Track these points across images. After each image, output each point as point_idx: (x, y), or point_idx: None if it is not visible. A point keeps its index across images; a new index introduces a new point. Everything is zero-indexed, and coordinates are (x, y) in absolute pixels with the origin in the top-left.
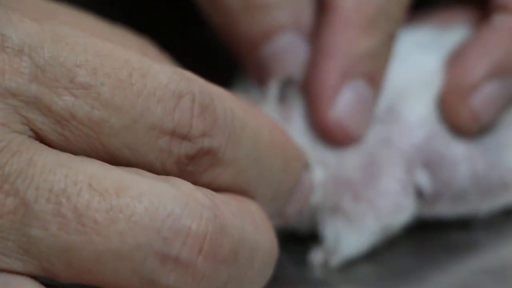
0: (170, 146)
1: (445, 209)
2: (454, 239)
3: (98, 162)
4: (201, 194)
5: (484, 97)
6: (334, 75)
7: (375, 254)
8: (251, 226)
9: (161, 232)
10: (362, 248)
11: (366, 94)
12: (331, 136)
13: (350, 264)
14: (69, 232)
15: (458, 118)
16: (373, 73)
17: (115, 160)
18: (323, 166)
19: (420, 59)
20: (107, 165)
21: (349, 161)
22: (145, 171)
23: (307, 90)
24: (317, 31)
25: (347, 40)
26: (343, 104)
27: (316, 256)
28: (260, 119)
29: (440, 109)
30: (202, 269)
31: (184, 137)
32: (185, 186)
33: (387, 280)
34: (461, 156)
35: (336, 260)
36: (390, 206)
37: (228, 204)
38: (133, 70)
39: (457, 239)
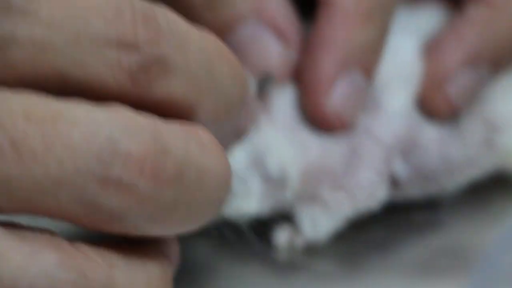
0: (118, 57)
1: (415, 191)
2: (419, 218)
3: (35, 94)
4: (141, 118)
5: (459, 85)
6: (331, 66)
7: (340, 233)
8: (197, 148)
9: (100, 156)
10: (333, 231)
11: (362, 85)
12: (324, 126)
13: (315, 244)
14: (7, 163)
15: (435, 106)
16: (369, 64)
17: (67, 83)
18: (305, 155)
19: (398, 42)
20: (43, 96)
21: (331, 151)
22: (83, 100)
23: (302, 80)
24: (314, 23)
25: (345, 31)
26: (339, 94)
27: (282, 237)
28: (203, 33)
29: (417, 98)
30: (145, 190)
31: (131, 47)
32: (125, 110)
33: (351, 258)
34: (433, 138)
35: (302, 240)
36: (367, 195)
37: (171, 127)
38: None
39: (422, 218)
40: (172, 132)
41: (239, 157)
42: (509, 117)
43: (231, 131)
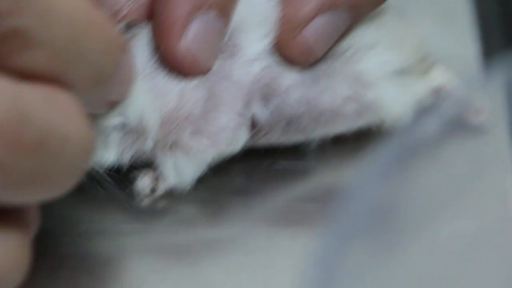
0: None
1: (278, 137)
2: (284, 165)
3: None
4: (2, 83)
5: (315, 31)
6: (185, 7)
7: (202, 179)
8: (60, 116)
9: None
10: (196, 176)
11: (217, 26)
12: (179, 68)
13: (178, 191)
14: None
15: (291, 52)
16: (224, 4)
17: None
18: (163, 102)
19: None
20: None
21: (190, 95)
22: None
23: (155, 22)
24: None
25: None
26: (193, 36)
27: (144, 182)
28: (75, 2)
29: (274, 44)
30: (3, 159)
31: None
32: None
33: (213, 205)
34: (293, 83)
35: (164, 186)
36: (228, 139)
37: (33, 92)
38: None
39: (286, 165)
40: (35, 98)
41: None
42: (376, 73)
43: (102, 99)
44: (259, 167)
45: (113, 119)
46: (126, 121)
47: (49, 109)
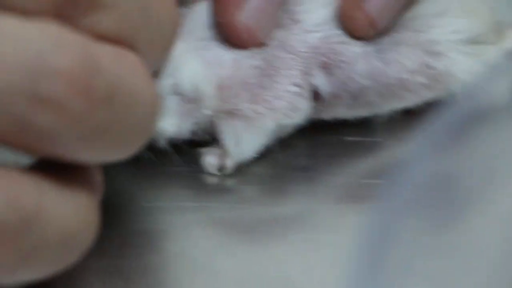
0: None
1: (344, 110)
2: (349, 139)
3: None
4: (73, 35)
5: (379, 3)
6: None
7: (265, 153)
8: (129, 73)
9: (29, 72)
10: (259, 148)
11: None
12: (237, 40)
13: (244, 166)
14: None
15: (354, 24)
16: None
17: None
18: (218, 70)
19: None
20: None
21: (246, 63)
22: (13, 13)
23: None
24: None
25: None
26: (252, 8)
27: (211, 160)
28: None
29: (337, 17)
30: (75, 108)
31: None
32: (57, 27)
33: (277, 182)
34: (358, 55)
35: (231, 162)
36: (287, 108)
37: (104, 48)
38: None
39: (353, 140)
40: (105, 52)
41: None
42: (446, 43)
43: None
44: (324, 143)
45: (167, 81)
46: (182, 90)
47: (119, 65)
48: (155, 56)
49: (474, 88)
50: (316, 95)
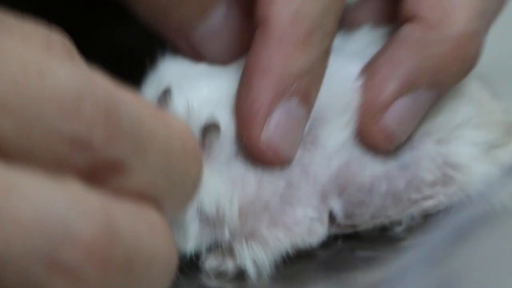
0: (68, 155)
1: (363, 226)
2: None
3: None
4: (95, 199)
5: (396, 114)
6: (267, 95)
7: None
8: (148, 234)
9: (48, 237)
10: (271, 266)
11: (299, 114)
12: (261, 158)
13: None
14: None
15: (374, 138)
16: (307, 91)
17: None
18: (241, 192)
19: (335, 68)
20: None
21: (269, 186)
22: (39, 171)
23: (238, 110)
24: (251, 46)
25: (282, 57)
26: (275, 125)
27: (212, 263)
28: (171, 128)
29: (356, 132)
30: (92, 276)
31: (84, 146)
32: (79, 190)
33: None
34: (378, 176)
35: (232, 267)
36: (304, 233)
37: (124, 210)
38: (30, 68)
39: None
40: (125, 215)
41: None
42: (467, 155)
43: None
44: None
45: (191, 213)
46: (203, 211)
47: (139, 227)
48: (177, 209)
49: (487, 191)
50: (333, 220)
